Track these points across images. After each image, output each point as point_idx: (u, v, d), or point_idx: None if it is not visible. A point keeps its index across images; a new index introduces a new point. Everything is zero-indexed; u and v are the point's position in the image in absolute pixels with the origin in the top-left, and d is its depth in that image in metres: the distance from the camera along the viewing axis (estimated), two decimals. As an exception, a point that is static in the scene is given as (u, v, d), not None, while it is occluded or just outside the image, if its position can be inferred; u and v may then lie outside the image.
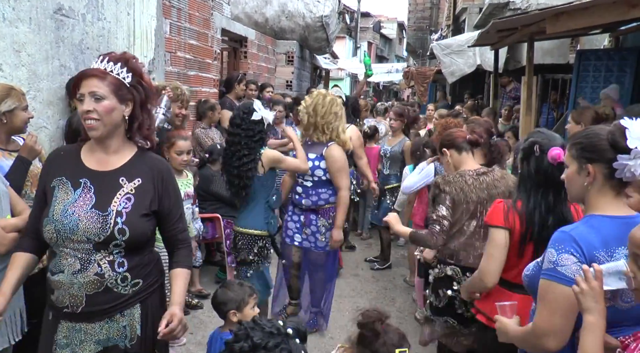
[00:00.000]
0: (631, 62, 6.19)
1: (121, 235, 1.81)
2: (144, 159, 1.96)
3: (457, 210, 2.73)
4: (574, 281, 1.54)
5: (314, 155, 3.70)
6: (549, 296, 1.66)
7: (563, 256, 1.63)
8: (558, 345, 1.66)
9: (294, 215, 3.91)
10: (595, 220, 1.67)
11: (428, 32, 22.07)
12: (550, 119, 8.82)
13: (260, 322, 1.39)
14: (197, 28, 5.62)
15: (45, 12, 3.14)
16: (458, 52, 9.42)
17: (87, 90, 1.80)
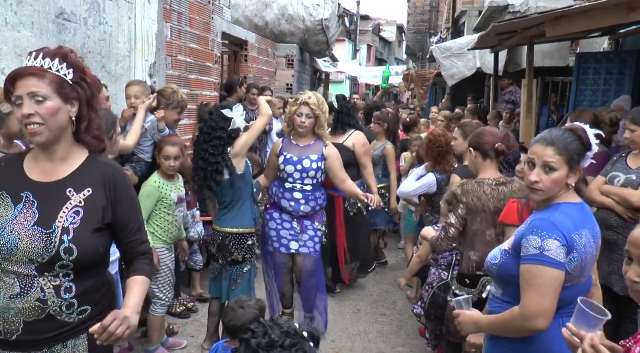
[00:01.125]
0: (630, 65, 6.21)
1: (68, 254, 1.60)
2: (94, 165, 1.75)
3: (474, 220, 2.70)
4: (558, 263, 1.76)
5: (316, 156, 3.65)
6: (537, 279, 1.79)
7: (548, 241, 1.78)
8: (547, 324, 1.79)
9: (284, 222, 3.76)
10: (567, 207, 1.88)
11: (427, 35, 22.10)
12: (551, 122, 8.84)
13: (278, 321, 1.40)
14: (197, 32, 5.64)
15: (47, 17, 3.15)
16: (458, 55, 9.43)
17: (26, 91, 1.57)
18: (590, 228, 1.90)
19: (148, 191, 3.35)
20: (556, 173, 1.89)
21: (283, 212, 3.75)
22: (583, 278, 1.88)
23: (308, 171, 3.63)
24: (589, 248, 1.86)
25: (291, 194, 3.67)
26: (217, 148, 3.28)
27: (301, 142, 3.70)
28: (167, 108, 3.69)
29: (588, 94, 6.46)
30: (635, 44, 6.57)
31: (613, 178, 3.27)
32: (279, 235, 3.78)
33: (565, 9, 4.14)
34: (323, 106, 3.67)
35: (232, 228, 3.46)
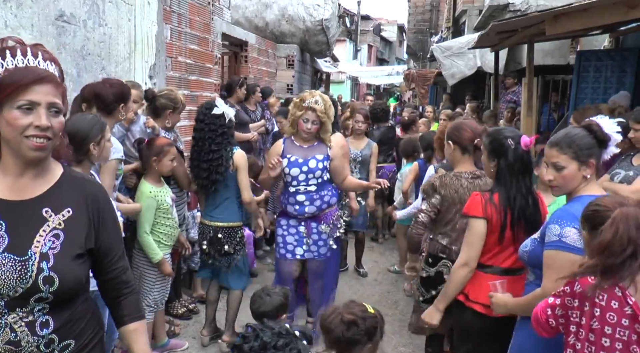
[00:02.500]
0: (631, 62, 6.19)
1: (48, 285, 1.38)
2: (74, 181, 1.53)
3: (450, 210, 2.88)
4: (577, 249, 1.93)
5: (322, 156, 3.57)
6: (557, 263, 1.99)
7: (566, 229, 1.98)
8: None
9: (290, 228, 3.70)
10: (585, 200, 1.96)
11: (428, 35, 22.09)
12: (551, 120, 8.82)
13: (268, 323, 1.41)
14: (197, 33, 5.64)
15: (47, 19, 3.16)
16: (458, 54, 9.43)
17: (46, 99, 1.38)
18: None
19: (147, 204, 3.31)
20: (565, 170, 2.08)
21: (290, 218, 3.69)
22: None
23: (314, 171, 3.54)
24: None
25: (295, 198, 3.59)
26: (220, 144, 3.50)
27: (304, 144, 3.61)
28: (174, 112, 3.69)
29: (589, 92, 6.45)
30: (636, 41, 6.55)
31: (615, 174, 3.28)
32: (285, 241, 3.72)
33: (565, 7, 4.13)
34: (330, 110, 3.54)
35: (222, 222, 3.64)
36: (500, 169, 2.50)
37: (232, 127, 3.61)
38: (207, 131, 3.50)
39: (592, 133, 2.09)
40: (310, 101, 3.46)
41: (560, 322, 1.80)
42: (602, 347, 1.68)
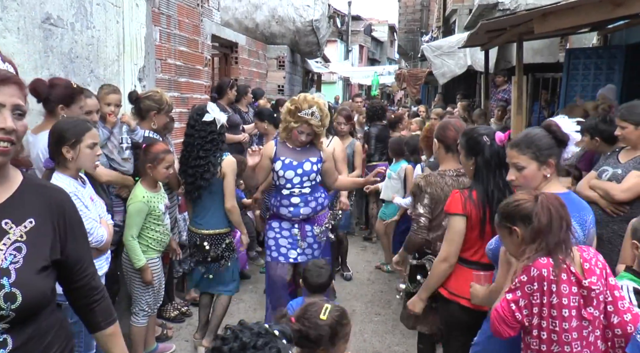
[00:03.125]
0: (619, 60, 6.25)
1: (9, 302, 1.29)
2: (36, 189, 1.44)
3: (437, 208, 2.90)
4: None
5: (315, 158, 3.54)
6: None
7: None
8: None
9: (283, 230, 3.63)
10: None
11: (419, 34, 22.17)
12: (542, 118, 8.86)
13: (247, 324, 1.39)
14: (187, 35, 5.62)
15: (33, 22, 3.13)
16: (449, 53, 9.46)
17: (11, 101, 1.33)
18: (577, 216, 2.10)
19: (138, 208, 3.27)
20: (525, 170, 2.16)
21: (283, 220, 3.62)
22: None
23: (309, 174, 3.49)
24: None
25: (289, 200, 3.52)
26: (209, 150, 3.47)
27: (297, 146, 3.56)
28: (159, 113, 3.66)
29: (578, 89, 6.50)
30: (623, 39, 6.60)
31: (602, 172, 3.28)
32: (278, 244, 3.63)
33: (553, 5, 4.15)
34: (326, 119, 3.44)
35: (207, 229, 3.61)
36: (477, 167, 2.57)
37: (224, 132, 3.58)
38: (197, 137, 3.48)
39: (551, 133, 2.15)
40: (306, 112, 3.34)
41: (524, 313, 1.86)
42: (563, 318, 1.81)
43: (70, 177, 2.59)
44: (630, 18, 5.29)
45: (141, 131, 3.64)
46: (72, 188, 2.55)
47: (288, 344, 1.37)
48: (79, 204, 2.57)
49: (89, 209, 2.63)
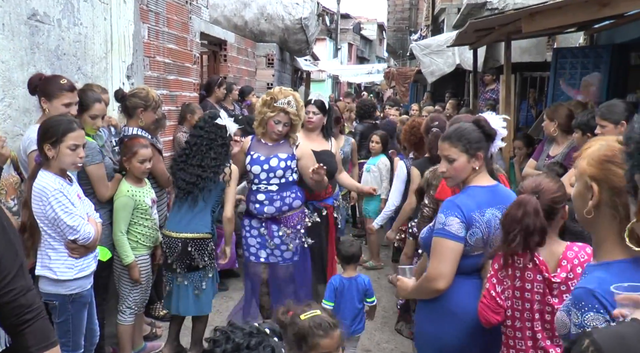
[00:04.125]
0: (605, 59, 6.30)
1: None
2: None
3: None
4: (456, 237, 2.16)
5: (285, 155, 3.46)
6: (438, 249, 2.21)
7: (449, 218, 2.18)
8: (445, 286, 2.19)
9: (252, 229, 3.58)
10: (472, 189, 2.27)
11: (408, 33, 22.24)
12: (530, 117, 8.95)
13: (237, 324, 1.37)
14: (175, 32, 5.58)
15: (19, 18, 3.10)
16: (437, 52, 9.49)
17: None
18: (500, 207, 2.23)
19: (123, 203, 3.26)
20: (455, 162, 2.26)
21: (252, 218, 3.56)
22: (488, 248, 2.24)
23: (275, 170, 3.43)
24: (493, 223, 2.22)
25: (255, 197, 3.48)
26: (221, 154, 3.40)
27: (270, 142, 3.53)
28: (146, 110, 3.62)
29: (565, 88, 6.54)
30: (609, 38, 6.67)
31: None
32: (247, 243, 3.60)
33: (540, 5, 4.19)
34: (301, 110, 3.47)
35: (193, 233, 3.38)
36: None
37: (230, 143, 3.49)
38: (206, 138, 3.40)
39: (480, 127, 2.27)
40: (282, 101, 3.34)
41: (503, 298, 2.05)
42: (526, 299, 2.02)
43: (55, 175, 2.58)
44: (616, 18, 5.35)
45: (130, 129, 3.61)
46: (56, 185, 2.54)
47: (280, 342, 1.37)
48: (65, 201, 2.56)
49: (75, 206, 2.62)
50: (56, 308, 2.67)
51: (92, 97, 3.18)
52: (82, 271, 2.69)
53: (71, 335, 2.71)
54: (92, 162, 3.08)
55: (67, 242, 2.63)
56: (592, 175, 1.39)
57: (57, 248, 2.63)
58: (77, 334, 2.74)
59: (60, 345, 2.67)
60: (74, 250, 2.65)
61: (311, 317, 1.88)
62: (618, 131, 3.14)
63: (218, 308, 3.87)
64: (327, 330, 1.85)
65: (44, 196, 2.52)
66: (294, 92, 3.49)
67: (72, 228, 2.58)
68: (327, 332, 1.85)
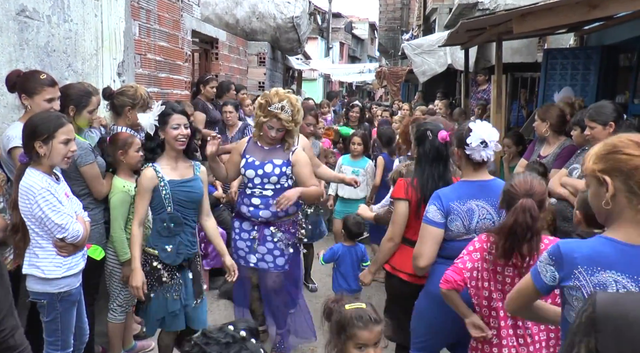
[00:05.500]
0: (595, 60, 6.36)
1: None
2: None
3: None
4: (435, 223, 2.53)
5: (280, 161, 3.34)
6: (422, 232, 2.58)
7: (430, 207, 2.55)
8: (425, 264, 2.57)
9: (242, 232, 3.45)
10: (459, 184, 2.63)
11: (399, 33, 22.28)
12: (521, 117, 9.00)
13: (212, 334, 1.29)
14: (167, 30, 5.56)
15: (7, 14, 3.06)
16: (429, 51, 9.53)
17: None
18: (488, 199, 2.53)
19: (121, 199, 3.23)
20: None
21: (244, 220, 3.44)
22: (474, 235, 2.48)
23: (269, 176, 3.31)
24: (477, 213, 2.52)
25: (250, 200, 3.37)
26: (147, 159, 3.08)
27: (266, 145, 3.40)
28: (134, 108, 3.58)
29: (556, 89, 6.59)
30: (599, 40, 6.73)
31: (572, 170, 3.35)
32: (237, 246, 3.48)
33: (531, 6, 4.21)
34: (298, 116, 3.29)
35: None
36: (419, 156, 2.95)
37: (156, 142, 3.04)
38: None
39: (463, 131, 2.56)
40: (275, 106, 3.21)
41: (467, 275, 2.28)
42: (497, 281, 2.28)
43: (43, 173, 2.55)
44: (606, 20, 5.40)
45: (119, 128, 3.58)
46: (44, 184, 2.52)
47: (257, 342, 1.32)
48: (53, 200, 2.53)
49: (63, 204, 2.60)
50: (44, 307, 2.65)
51: (86, 92, 3.15)
52: (70, 270, 2.67)
53: (60, 333, 2.68)
54: (86, 162, 3.05)
55: (55, 240, 2.60)
56: (601, 169, 1.52)
57: (45, 246, 2.60)
58: (66, 333, 2.72)
59: (50, 344, 2.68)
60: (62, 248, 2.63)
61: (355, 308, 1.95)
62: (607, 132, 3.17)
63: (209, 307, 3.85)
64: (367, 323, 1.91)
65: (30, 194, 2.49)
66: (291, 95, 3.31)
67: (60, 226, 2.55)
68: (367, 325, 1.91)
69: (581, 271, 1.51)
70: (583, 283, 1.51)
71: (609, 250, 1.50)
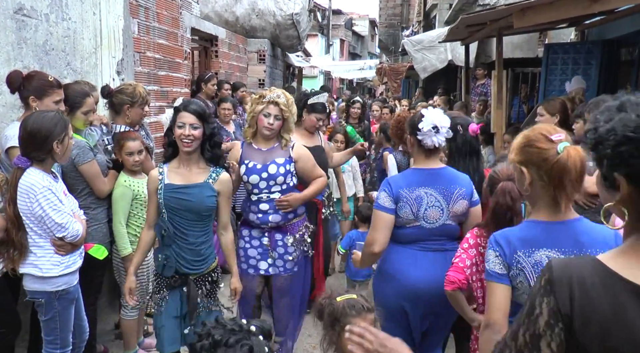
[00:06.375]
0: (596, 55, 6.34)
1: None
2: None
3: None
4: (385, 208, 2.57)
5: (283, 159, 3.22)
6: (373, 219, 2.63)
7: (381, 193, 2.61)
8: (379, 250, 2.59)
9: (252, 240, 3.31)
10: (409, 171, 2.70)
11: (399, 29, 22.25)
12: (521, 112, 8.97)
13: (222, 321, 1.39)
14: (166, 27, 5.54)
15: (4, 13, 3.05)
16: (429, 47, 9.50)
17: None
18: (437, 187, 2.58)
19: (121, 193, 3.24)
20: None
21: (253, 228, 3.31)
22: (422, 222, 2.59)
23: (275, 177, 3.18)
24: (425, 200, 2.56)
25: (257, 207, 3.22)
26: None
27: (264, 146, 3.25)
28: (133, 106, 3.57)
29: (557, 84, 6.57)
30: (600, 34, 6.70)
31: None
32: (247, 255, 3.33)
33: (532, 0, 4.19)
34: (292, 107, 3.24)
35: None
36: (450, 151, 2.98)
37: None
38: None
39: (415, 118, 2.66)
40: (271, 95, 3.18)
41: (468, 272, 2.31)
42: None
43: (43, 172, 2.55)
44: (607, 14, 5.37)
45: (118, 126, 3.58)
46: (45, 183, 2.52)
47: (264, 340, 1.37)
48: (54, 198, 2.53)
49: (62, 203, 2.59)
50: (42, 306, 2.64)
51: (81, 93, 3.14)
52: (68, 268, 2.66)
53: (59, 332, 2.68)
54: (84, 161, 3.05)
55: (53, 239, 2.60)
56: (519, 161, 1.76)
57: (43, 245, 2.60)
58: (64, 331, 2.71)
59: (49, 342, 2.68)
60: (61, 247, 2.62)
61: (346, 299, 1.97)
62: None
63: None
64: (360, 311, 1.93)
65: (31, 193, 2.48)
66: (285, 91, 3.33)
67: (60, 225, 2.55)
68: (360, 313, 1.93)
69: (520, 254, 1.75)
70: (524, 265, 1.74)
71: (537, 231, 1.75)
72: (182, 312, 2.85)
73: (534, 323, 1.09)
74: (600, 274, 1.06)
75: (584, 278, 1.06)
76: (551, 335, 1.07)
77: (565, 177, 1.65)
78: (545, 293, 1.09)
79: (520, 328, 1.12)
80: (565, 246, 1.72)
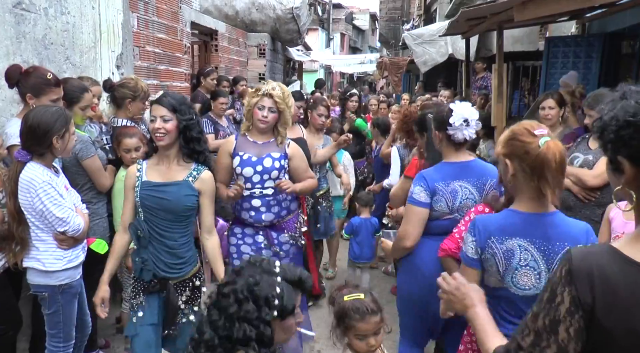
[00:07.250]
0: (597, 48, 6.31)
1: None
2: None
3: None
4: (420, 203, 2.53)
5: (278, 154, 3.15)
6: (407, 213, 2.61)
7: (416, 188, 2.56)
8: (411, 244, 2.58)
9: (245, 237, 3.22)
10: (441, 165, 2.64)
11: (400, 23, 22.16)
12: (522, 106, 8.96)
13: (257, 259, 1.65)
14: (165, 21, 5.53)
15: (3, 7, 3.05)
16: (430, 41, 9.46)
17: None
18: (470, 180, 2.57)
19: (118, 188, 3.22)
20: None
21: (246, 226, 3.21)
22: (456, 214, 2.57)
23: (270, 171, 3.10)
24: (460, 193, 2.55)
25: (249, 203, 3.11)
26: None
27: (259, 139, 3.17)
28: (134, 100, 3.58)
29: (558, 77, 6.54)
30: (601, 27, 6.68)
31: (574, 158, 3.34)
32: (240, 251, 3.22)
33: (532, -7, 4.17)
34: (288, 99, 3.17)
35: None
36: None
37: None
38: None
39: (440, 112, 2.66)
40: (266, 87, 3.12)
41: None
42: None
43: (44, 166, 2.55)
44: (608, 7, 5.34)
45: (119, 120, 3.57)
46: (45, 177, 2.52)
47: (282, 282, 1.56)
48: (54, 193, 2.53)
49: (64, 198, 2.60)
50: (46, 300, 2.65)
51: (79, 88, 3.14)
52: (70, 262, 2.67)
53: (62, 325, 2.69)
54: (87, 156, 3.06)
55: (55, 234, 2.61)
56: (503, 154, 1.84)
57: (45, 239, 2.61)
58: (68, 325, 2.72)
59: (52, 336, 2.69)
60: (63, 241, 2.63)
61: (353, 300, 1.99)
62: None
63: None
64: (364, 314, 1.95)
65: (31, 187, 2.48)
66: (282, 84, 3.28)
67: (61, 220, 2.55)
68: (364, 317, 1.94)
69: (493, 240, 1.84)
70: (495, 251, 1.84)
71: (515, 220, 1.83)
72: (159, 320, 2.61)
73: (555, 310, 1.14)
74: (618, 262, 1.11)
75: (603, 267, 1.11)
76: (571, 320, 1.12)
77: (546, 168, 1.73)
78: (565, 283, 1.14)
79: (541, 312, 1.17)
80: (535, 237, 1.81)
